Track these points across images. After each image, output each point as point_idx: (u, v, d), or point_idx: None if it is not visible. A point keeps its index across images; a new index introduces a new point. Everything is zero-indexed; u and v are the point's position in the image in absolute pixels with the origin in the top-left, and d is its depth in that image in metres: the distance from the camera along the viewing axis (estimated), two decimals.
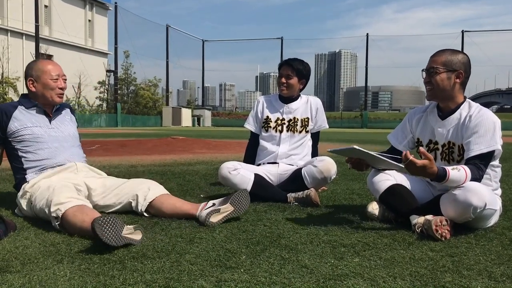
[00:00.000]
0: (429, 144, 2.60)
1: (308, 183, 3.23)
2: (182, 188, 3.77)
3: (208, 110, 50.28)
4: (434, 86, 2.47)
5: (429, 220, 2.22)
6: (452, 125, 2.49)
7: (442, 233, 2.18)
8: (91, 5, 42.62)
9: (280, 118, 3.54)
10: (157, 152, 7.64)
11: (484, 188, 2.25)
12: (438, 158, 2.54)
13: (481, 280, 1.67)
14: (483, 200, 2.19)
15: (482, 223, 2.36)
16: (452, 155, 2.50)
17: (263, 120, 3.58)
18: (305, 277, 1.66)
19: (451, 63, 2.44)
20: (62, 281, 1.60)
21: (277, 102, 3.60)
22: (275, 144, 3.51)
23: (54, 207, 2.30)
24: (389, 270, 1.74)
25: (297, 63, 3.48)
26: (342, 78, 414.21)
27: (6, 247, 2.00)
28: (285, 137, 3.50)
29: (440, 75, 2.44)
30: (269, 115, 3.57)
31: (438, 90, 2.47)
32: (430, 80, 2.48)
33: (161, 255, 1.90)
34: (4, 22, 33.05)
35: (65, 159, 2.80)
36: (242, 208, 2.54)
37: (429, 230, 2.19)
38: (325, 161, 3.24)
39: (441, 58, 2.46)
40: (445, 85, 2.45)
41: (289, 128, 3.52)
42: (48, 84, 2.80)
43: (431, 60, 2.50)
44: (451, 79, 2.44)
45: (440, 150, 2.54)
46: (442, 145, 2.53)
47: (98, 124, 33.72)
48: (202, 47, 54.37)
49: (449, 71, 2.43)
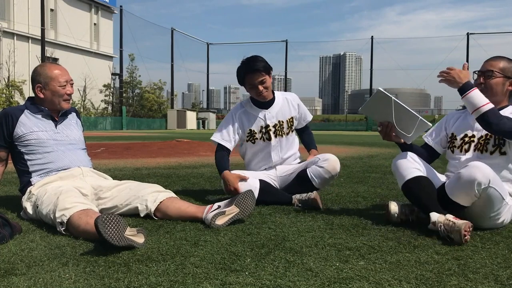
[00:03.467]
0: (464, 137, 2.65)
1: (317, 184, 3.24)
2: (187, 191, 3.77)
3: (213, 113, 50.32)
4: (488, 89, 2.53)
5: (456, 223, 2.17)
6: None
7: (468, 238, 2.17)
8: (96, 8, 42.83)
9: (263, 126, 3.34)
10: (162, 155, 7.65)
11: (488, 168, 2.28)
12: (471, 149, 2.60)
13: (487, 283, 1.65)
14: (486, 176, 2.24)
15: (490, 211, 2.35)
16: (486, 146, 2.56)
17: (247, 134, 3.37)
18: (310, 280, 1.65)
19: (509, 70, 2.53)
20: (67, 283, 1.60)
21: (253, 110, 3.37)
22: (267, 154, 3.38)
23: (59, 213, 2.31)
24: (395, 273, 1.73)
25: (258, 63, 3.18)
26: (347, 81, 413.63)
27: (11, 250, 2.01)
28: (275, 144, 3.37)
29: (496, 79, 2.53)
30: (251, 128, 3.35)
31: (491, 93, 2.52)
32: (485, 82, 2.54)
33: (166, 258, 1.90)
34: (10, 26, 33.26)
35: (70, 163, 2.81)
36: (248, 209, 2.54)
37: (454, 232, 2.16)
38: (329, 160, 3.23)
39: (499, 64, 2.55)
40: (498, 90, 2.54)
41: (276, 133, 3.35)
42: (57, 92, 2.81)
43: (489, 63, 2.57)
44: (505, 85, 2.54)
45: (475, 142, 2.60)
46: (479, 137, 2.60)
47: (103, 127, 33.84)
48: (207, 50, 54.53)
49: (505, 77, 2.53)
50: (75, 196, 2.44)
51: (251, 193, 2.60)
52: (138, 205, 2.63)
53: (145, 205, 2.61)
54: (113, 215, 1.96)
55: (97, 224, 1.89)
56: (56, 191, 2.50)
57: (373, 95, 2.49)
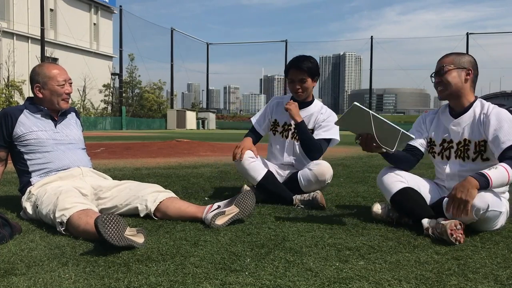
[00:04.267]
0: (443, 143, 2.61)
1: (303, 186, 3.19)
2: (187, 191, 3.77)
3: (212, 113, 50.31)
4: (446, 85, 2.50)
5: (443, 224, 2.20)
6: (467, 123, 2.52)
7: (457, 237, 2.17)
8: (96, 8, 42.78)
9: (287, 123, 3.42)
10: (161, 155, 7.65)
11: (486, 190, 2.24)
12: (452, 156, 2.57)
13: (487, 283, 1.65)
14: (485, 201, 2.19)
15: (487, 225, 2.35)
16: (467, 153, 2.51)
17: (272, 122, 3.50)
18: (309, 280, 1.65)
19: (459, 62, 2.50)
20: (67, 283, 1.60)
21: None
22: (281, 151, 3.44)
23: (59, 213, 2.31)
24: (394, 273, 1.74)
25: (306, 63, 3.27)
26: (347, 81, 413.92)
27: (11, 250, 2.00)
28: (289, 145, 3.40)
29: (450, 72, 2.49)
30: (277, 119, 3.48)
31: (450, 88, 2.50)
32: (441, 80, 2.51)
33: (166, 258, 1.90)
34: (10, 26, 33.23)
35: (70, 163, 2.81)
36: (248, 209, 2.54)
37: (444, 234, 2.17)
38: (320, 164, 3.18)
39: (448, 59, 2.53)
40: (456, 82, 2.49)
41: (293, 135, 3.39)
42: (55, 91, 2.81)
43: (439, 62, 2.56)
44: (461, 76, 2.49)
45: (454, 148, 2.56)
46: (457, 143, 2.55)
47: (103, 127, 33.82)
48: (206, 50, 54.49)
49: (458, 68, 2.49)
50: (75, 196, 2.44)
51: (251, 193, 2.60)
52: (138, 205, 2.63)
53: (145, 205, 2.61)
54: (113, 215, 1.96)
55: (97, 224, 1.89)
56: (56, 191, 2.50)
57: (348, 109, 2.32)
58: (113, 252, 1.93)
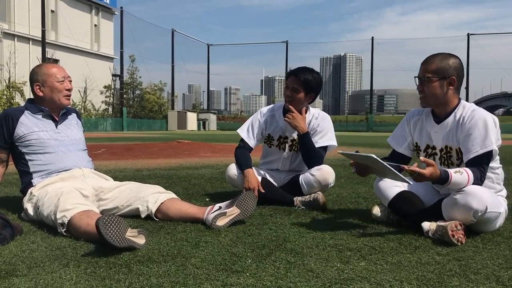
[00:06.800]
0: (427, 149, 2.58)
1: (305, 191, 3.16)
2: (188, 192, 3.77)
3: (213, 114, 50.39)
4: (429, 96, 2.44)
5: (443, 226, 2.20)
6: (447, 129, 2.47)
7: (458, 237, 2.16)
8: (97, 9, 42.88)
9: (282, 136, 3.35)
10: (162, 156, 7.65)
11: (485, 191, 2.24)
12: (437, 163, 2.51)
13: (488, 284, 1.65)
14: (483, 203, 2.19)
15: (487, 226, 2.34)
16: (450, 159, 2.48)
17: (265, 137, 3.41)
18: (311, 281, 1.65)
19: (443, 70, 2.40)
20: (68, 284, 1.60)
21: (280, 118, 3.33)
22: (278, 162, 3.41)
23: (60, 214, 2.31)
24: (396, 274, 1.73)
25: (306, 74, 3.16)
26: (348, 82, 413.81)
27: (12, 251, 2.01)
28: (287, 157, 3.37)
29: (433, 84, 2.41)
30: (271, 133, 3.38)
31: (431, 98, 2.45)
32: (423, 89, 2.45)
33: (167, 259, 1.90)
34: (11, 27, 33.31)
35: (71, 164, 2.81)
36: (249, 210, 2.54)
37: (445, 235, 2.17)
38: (322, 170, 3.15)
39: (431, 66, 2.42)
40: (438, 93, 2.42)
41: (291, 148, 3.34)
42: (55, 87, 2.82)
43: (422, 69, 2.45)
44: (443, 87, 2.41)
45: (438, 155, 2.53)
46: (439, 149, 2.52)
47: (104, 128, 33.86)
48: (207, 51, 54.56)
49: (441, 79, 2.40)
50: (76, 197, 2.44)
51: (252, 194, 2.60)
52: (139, 206, 2.63)
53: (146, 206, 2.61)
54: (114, 216, 1.96)
55: (98, 225, 1.89)
56: (57, 192, 2.50)
57: (361, 155, 2.30)
58: (114, 253, 1.93)
